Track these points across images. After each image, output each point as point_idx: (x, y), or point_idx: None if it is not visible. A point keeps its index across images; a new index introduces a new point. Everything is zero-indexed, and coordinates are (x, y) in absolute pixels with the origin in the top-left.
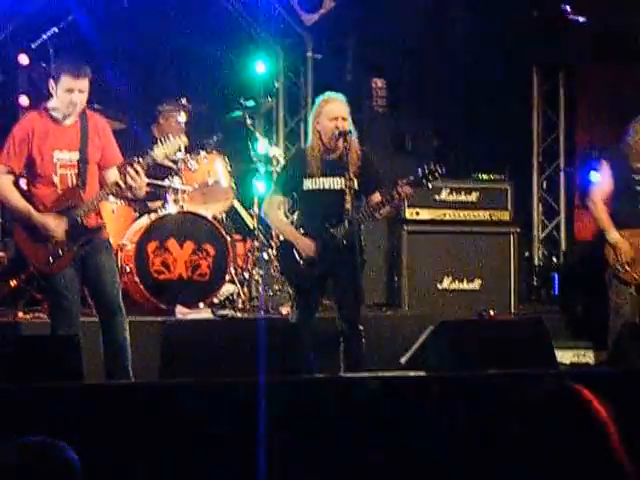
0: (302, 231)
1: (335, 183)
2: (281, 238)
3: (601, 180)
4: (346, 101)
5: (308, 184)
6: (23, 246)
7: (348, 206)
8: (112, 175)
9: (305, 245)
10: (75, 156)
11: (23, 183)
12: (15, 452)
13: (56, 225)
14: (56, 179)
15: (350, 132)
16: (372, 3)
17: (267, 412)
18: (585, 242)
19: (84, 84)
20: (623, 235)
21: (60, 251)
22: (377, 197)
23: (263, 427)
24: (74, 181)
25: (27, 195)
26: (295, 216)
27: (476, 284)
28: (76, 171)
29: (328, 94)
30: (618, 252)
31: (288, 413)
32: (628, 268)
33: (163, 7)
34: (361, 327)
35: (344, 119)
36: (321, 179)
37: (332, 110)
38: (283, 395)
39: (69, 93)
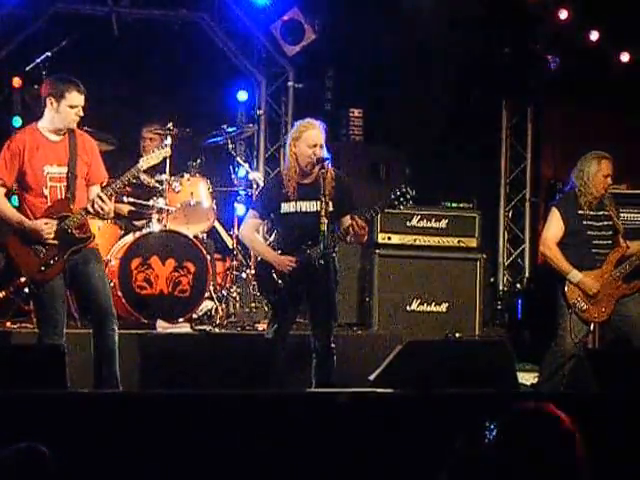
0: (279, 252)
1: (311, 206)
2: (259, 258)
3: (553, 226)
4: (324, 128)
5: (285, 207)
6: (16, 255)
7: (323, 228)
8: (94, 193)
9: (281, 265)
10: (64, 170)
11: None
12: None
13: (47, 227)
14: (46, 191)
15: (327, 159)
16: (350, 37)
17: (241, 423)
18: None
19: (83, 100)
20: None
21: (51, 260)
22: (348, 220)
23: (238, 437)
24: (63, 194)
25: (19, 207)
26: (273, 237)
27: (443, 307)
28: (65, 184)
29: (308, 120)
30: (584, 288)
31: (261, 424)
32: (588, 306)
33: (151, 37)
34: (333, 345)
35: (321, 146)
36: (298, 202)
37: (311, 137)
38: (256, 407)
39: (73, 109)
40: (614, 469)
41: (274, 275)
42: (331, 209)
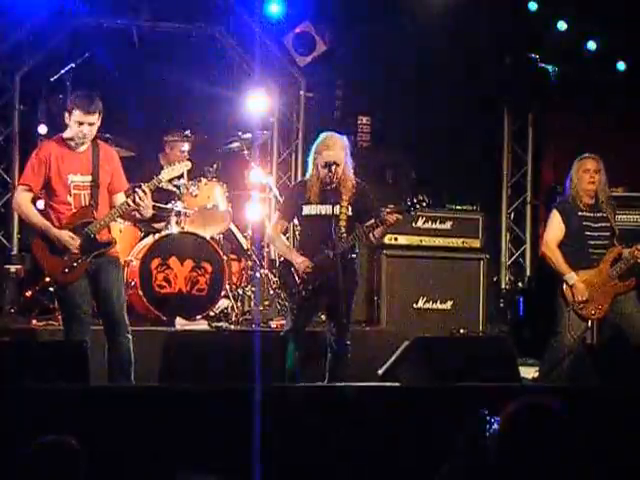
0: (301, 251)
1: (330, 209)
2: (281, 258)
3: (554, 227)
4: (344, 145)
5: (307, 210)
6: (41, 258)
7: (342, 230)
8: (120, 200)
9: (302, 264)
10: (88, 179)
11: (40, 204)
12: (31, 448)
13: (71, 239)
14: (70, 199)
15: (334, 164)
16: (358, 49)
17: (257, 415)
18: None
19: (94, 118)
20: (578, 275)
21: (74, 263)
22: (370, 221)
23: (255, 428)
24: (87, 201)
25: (45, 212)
26: (295, 238)
27: (448, 304)
28: (89, 192)
29: (330, 138)
30: (575, 291)
31: (275, 416)
32: (586, 304)
33: (171, 49)
34: (349, 342)
35: (337, 164)
36: (318, 206)
37: (328, 156)
38: (271, 400)
39: (80, 125)
40: (612, 458)
41: (294, 274)
42: (350, 213)
